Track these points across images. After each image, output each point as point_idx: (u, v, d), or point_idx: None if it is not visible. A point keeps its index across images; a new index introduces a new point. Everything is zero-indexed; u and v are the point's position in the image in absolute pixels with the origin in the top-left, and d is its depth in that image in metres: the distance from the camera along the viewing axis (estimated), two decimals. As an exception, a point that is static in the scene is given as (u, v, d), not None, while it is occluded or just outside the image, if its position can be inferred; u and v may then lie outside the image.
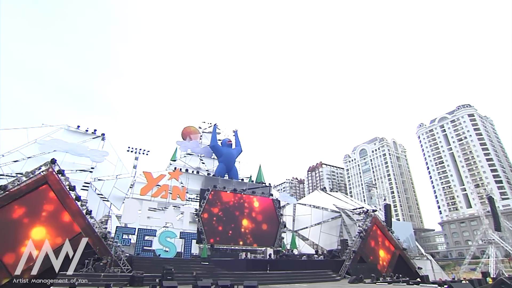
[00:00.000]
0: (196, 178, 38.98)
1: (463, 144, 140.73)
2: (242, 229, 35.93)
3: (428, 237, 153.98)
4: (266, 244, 36.22)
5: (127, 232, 30.93)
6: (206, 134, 44.64)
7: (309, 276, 26.23)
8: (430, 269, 44.83)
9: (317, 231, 40.32)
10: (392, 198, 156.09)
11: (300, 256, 33.58)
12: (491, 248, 49.29)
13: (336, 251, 34.86)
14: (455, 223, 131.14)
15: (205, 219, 34.91)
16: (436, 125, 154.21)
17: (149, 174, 35.84)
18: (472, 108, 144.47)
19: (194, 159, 42.39)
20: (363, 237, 33.42)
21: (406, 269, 36.54)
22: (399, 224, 51.33)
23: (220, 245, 34.54)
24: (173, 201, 35.80)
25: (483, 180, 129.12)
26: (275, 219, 38.13)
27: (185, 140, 42.85)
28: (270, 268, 27.92)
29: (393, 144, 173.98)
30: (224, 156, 41.05)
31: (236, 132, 44.60)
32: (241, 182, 39.96)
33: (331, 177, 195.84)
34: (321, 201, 43.22)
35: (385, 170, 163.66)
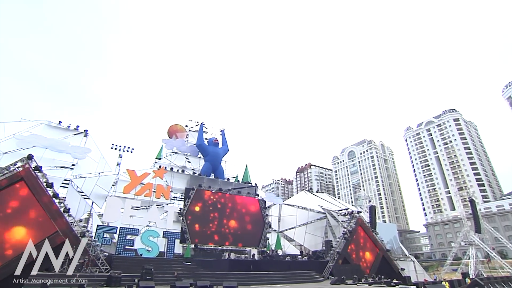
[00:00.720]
0: (181, 177, 38.44)
1: (448, 148, 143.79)
2: (226, 229, 35.61)
3: (413, 238, 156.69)
4: (251, 244, 36.01)
5: (108, 231, 30.22)
6: (192, 132, 44.14)
7: (291, 277, 26.13)
8: (413, 270, 45.47)
9: (302, 231, 40.33)
10: (379, 200, 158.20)
11: (284, 257, 33.48)
12: (472, 249, 50.39)
13: (320, 252, 34.91)
14: (439, 225, 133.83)
15: (190, 218, 34.48)
16: (423, 128, 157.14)
17: (132, 172, 35.12)
18: (458, 113, 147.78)
19: (180, 157, 41.83)
20: (347, 238, 33.56)
21: (389, 270, 36.91)
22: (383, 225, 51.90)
23: (204, 245, 34.14)
24: (157, 200, 35.18)
25: (466, 183, 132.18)
26: (260, 219, 37.96)
27: (171, 139, 42.27)
28: (253, 269, 27.73)
29: (381, 147, 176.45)
30: (210, 155, 40.64)
31: (223, 131, 44.25)
32: (227, 182, 39.62)
33: (320, 178, 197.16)
34: (307, 202, 43.26)
35: (372, 172, 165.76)
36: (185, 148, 42.20)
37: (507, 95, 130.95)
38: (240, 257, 31.23)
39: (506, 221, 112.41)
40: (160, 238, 31.95)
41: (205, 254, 32.82)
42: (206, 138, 43.64)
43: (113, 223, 31.28)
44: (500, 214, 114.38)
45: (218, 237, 34.88)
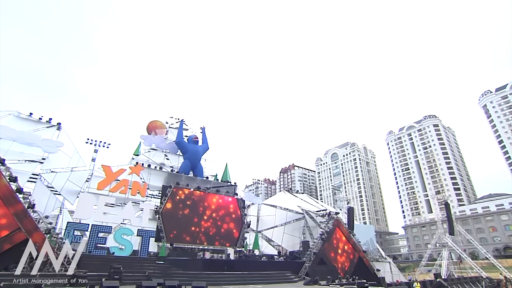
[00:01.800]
0: (159, 174, 37.56)
1: (427, 152, 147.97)
2: (204, 228, 35.03)
3: (392, 240, 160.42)
4: (228, 243, 35.56)
5: (79, 228, 29.05)
6: (172, 129, 43.26)
7: (266, 277, 25.91)
8: (389, 271, 46.30)
9: (280, 232, 40.23)
10: (360, 202, 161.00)
11: (260, 257, 33.24)
12: (445, 251, 51.80)
13: (297, 252, 34.90)
14: (417, 227, 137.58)
15: (166, 216, 33.69)
16: (404, 133, 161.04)
17: (108, 168, 34.00)
18: (437, 119, 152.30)
19: (159, 154, 40.91)
20: (324, 239, 33.68)
21: (365, 271, 37.35)
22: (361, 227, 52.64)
23: (180, 243, 33.45)
24: (133, 197, 34.20)
25: (443, 187, 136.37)
26: (238, 218, 37.57)
27: (150, 135, 41.26)
28: (228, 269, 27.35)
29: (363, 150, 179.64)
30: (190, 153, 39.92)
31: (204, 129, 43.60)
32: (205, 180, 39.03)
33: (303, 179, 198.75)
34: (286, 202, 43.22)
35: (354, 174, 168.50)
36: (164, 145, 41.29)
37: (482, 103, 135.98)
38: (213, 257, 30.74)
39: (479, 224, 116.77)
40: (134, 236, 31.04)
41: (180, 253, 32.15)
42: (186, 135, 42.87)
43: (85, 220, 30.11)
44: (473, 217, 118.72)
45: (194, 236, 34.26)
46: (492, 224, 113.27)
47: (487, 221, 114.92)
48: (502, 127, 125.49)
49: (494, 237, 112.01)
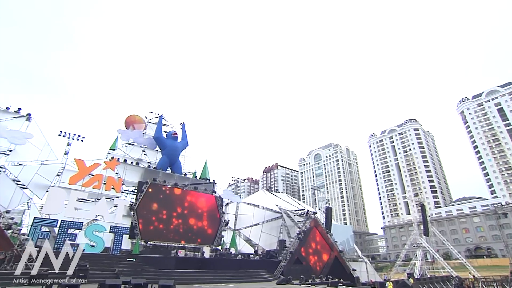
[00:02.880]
0: (135, 169, 36.54)
1: (407, 155, 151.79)
2: (180, 225, 34.34)
3: (371, 240, 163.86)
4: (205, 242, 35.03)
5: (46, 224, 27.77)
6: (151, 125, 42.22)
7: (240, 276, 25.62)
8: (365, 270, 46.99)
9: (258, 231, 40.03)
10: (341, 202, 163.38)
11: (235, 256, 32.91)
12: (419, 251, 53.21)
13: (273, 251, 34.79)
14: (395, 228, 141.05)
15: (141, 213, 32.80)
16: (386, 136, 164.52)
17: (81, 162, 32.70)
18: (418, 123, 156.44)
19: (136, 149, 39.83)
20: (301, 238, 33.72)
21: (341, 270, 37.73)
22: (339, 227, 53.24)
23: (155, 241, 32.62)
24: (107, 193, 33.02)
25: (422, 189, 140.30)
26: (216, 216, 37.08)
27: (127, 129, 40.09)
28: (203, 267, 26.90)
29: (346, 151, 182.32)
30: (168, 149, 39.07)
31: (184, 125, 42.80)
32: (183, 177, 38.32)
33: (286, 179, 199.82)
34: (265, 201, 43.05)
35: (337, 175, 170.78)
36: (142, 140, 40.23)
37: (460, 109, 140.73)
38: (187, 255, 30.18)
39: (453, 226, 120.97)
40: (106, 233, 29.98)
41: (154, 251, 31.38)
42: (165, 131, 41.94)
43: (54, 215, 28.84)
44: (448, 219, 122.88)
45: (170, 234, 33.53)
46: (465, 225, 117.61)
47: (460, 222, 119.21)
48: (477, 133, 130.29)
49: (466, 238, 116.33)
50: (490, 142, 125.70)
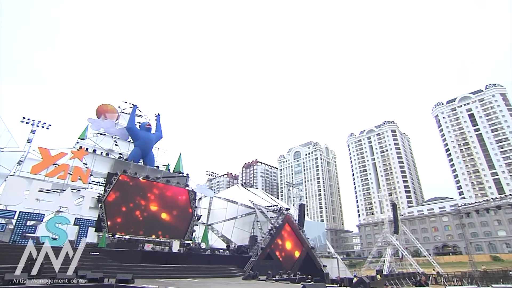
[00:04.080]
0: (105, 160, 35.19)
1: (384, 156, 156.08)
2: (150, 219, 33.43)
3: (347, 237, 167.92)
4: (175, 236, 34.34)
5: (3, 215, 26.26)
6: (125, 115, 40.83)
7: (207, 271, 25.28)
8: (336, 267, 47.85)
9: (230, 226, 39.74)
10: (318, 200, 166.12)
11: (204, 251, 32.51)
12: (389, 248, 54.88)
13: (245, 247, 34.64)
14: (370, 226, 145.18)
15: (109, 205, 31.65)
16: (364, 136, 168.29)
17: (45, 151, 31.03)
18: (395, 125, 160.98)
19: (107, 140, 38.38)
20: (273, 234, 33.76)
21: (312, 267, 38.19)
22: (312, 223, 53.89)
23: (122, 234, 31.65)
24: (73, 184, 31.56)
25: (396, 189, 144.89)
26: (188, 211, 36.44)
27: (99, 119, 38.53)
28: (170, 262, 26.34)
29: (325, 150, 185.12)
30: (141, 140, 37.91)
31: (159, 116, 41.68)
32: (156, 170, 37.35)
33: (265, 176, 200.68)
34: (239, 196, 42.77)
35: (315, 173, 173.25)
36: (114, 130, 38.77)
37: (435, 113, 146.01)
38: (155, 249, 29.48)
39: (424, 224, 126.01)
40: (70, 226, 28.71)
41: (121, 245, 30.39)
42: (139, 122, 40.73)
43: (12, 206, 27.26)
44: (420, 218, 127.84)
45: (139, 227, 32.63)
46: (435, 224, 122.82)
47: (431, 221, 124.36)
48: (450, 137, 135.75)
49: (435, 236, 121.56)
50: (460, 145, 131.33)
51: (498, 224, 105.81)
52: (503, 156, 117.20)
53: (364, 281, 14.02)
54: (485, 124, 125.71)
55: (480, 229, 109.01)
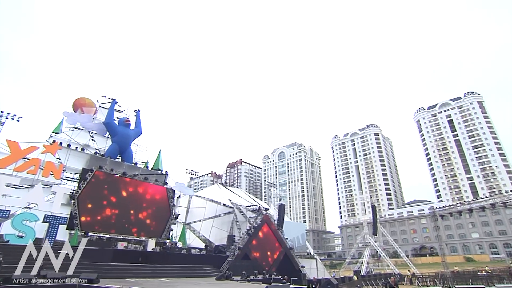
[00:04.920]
0: (80, 155, 33.99)
1: (367, 158, 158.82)
2: (126, 216, 32.47)
3: (328, 238, 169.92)
4: (152, 235, 33.57)
5: (-39, 212, 24.84)
6: (103, 109, 39.58)
7: (181, 270, 24.77)
8: (315, 267, 48.11)
9: (209, 225, 39.23)
10: (302, 201, 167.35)
11: (180, 250, 31.90)
12: (367, 249, 55.76)
13: (222, 246, 34.24)
14: (351, 227, 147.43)
15: (83, 202, 30.52)
16: (348, 139, 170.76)
17: (14, 144, 29.64)
18: (378, 129, 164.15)
19: (84, 134, 37.11)
20: (251, 234, 33.49)
21: (290, 267, 38.13)
22: (292, 224, 54.06)
23: (96, 232, 30.63)
24: (44, 179, 30.28)
25: (377, 191, 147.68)
26: (166, 209, 35.68)
27: (75, 112, 37.21)
28: (143, 261, 25.62)
29: (309, 151, 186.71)
30: (119, 136, 36.88)
31: (139, 112, 40.72)
32: (133, 166, 36.43)
33: (249, 176, 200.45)
34: (219, 195, 42.30)
35: (299, 174, 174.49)
36: (91, 124, 37.55)
37: (416, 118, 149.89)
38: (128, 247, 28.68)
39: (403, 226, 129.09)
40: (39, 223, 27.53)
41: (94, 243, 29.38)
42: (118, 117, 39.64)
43: (-26, 202, 25.84)
44: (399, 220, 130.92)
45: (114, 225, 31.62)
46: (414, 226, 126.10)
47: (410, 224, 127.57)
48: (430, 142, 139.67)
49: (413, 238, 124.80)
50: (440, 150, 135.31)
51: (472, 227, 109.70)
52: (479, 161, 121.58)
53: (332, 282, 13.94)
54: (463, 130, 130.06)
55: (456, 231, 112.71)
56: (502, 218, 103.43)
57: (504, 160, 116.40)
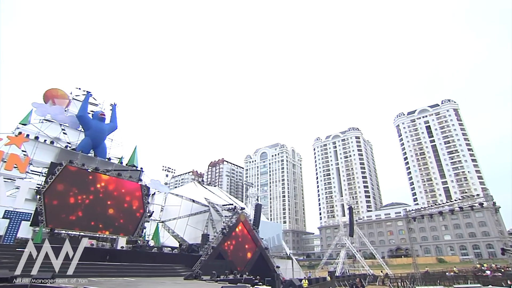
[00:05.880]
0: (49, 149, 32.44)
1: (347, 161, 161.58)
2: (96, 213, 31.24)
3: (308, 239, 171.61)
4: (124, 232, 32.44)
5: None
6: (77, 102, 38.08)
7: (149, 269, 24.05)
8: (290, 268, 48.22)
9: (184, 223, 38.46)
10: (282, 201, 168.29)
11: (151, 248, 31.07)
12: (343, 250, 56.55)
13: (195, 245, 33.67)
14: (330, 229, 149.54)
15: (50, 198, 29.11)
16: (330, 141, 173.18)
17: (-26, 135, 27.98)
18: (359, 132, 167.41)
19: (54, 127, 35.50)
20: (225, 233, 33.10)
21: (265, 267, 38.00)
22: (269, 224, 54.06)
23: (63, 229, 29.29)
24: (7, 172, 28.60)
25: (357, 194, 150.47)
26: (140, 206, 34.66)
27: (46, 104, 35.55)
28: (111, 259, 24.75)
29: (292, 152, 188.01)
30: (93, 130, 35.52)
31: (115, 106, 39.41)
32: (107, 162, 35.18)
33: (231, 175, 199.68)
34: (195, 193, 41.62)
35: (280, 174, 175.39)
36: (62, 117, 35.94)
37: (396, 123, 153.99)
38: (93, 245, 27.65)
39: (380, 228, 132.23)
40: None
41: (60, 240, 28.09)
42: (92, 111, 38.23)
43: None
44: (377, 222, 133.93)
45: (83, 222, 30.28)
46: (391, 228, 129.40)
47: (387, 225, 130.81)
48: (408, 146, 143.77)
49: (390, 240, 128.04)
50: (417, 155, 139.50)
51: (445, 229, 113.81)
52: (453, 166, 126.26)
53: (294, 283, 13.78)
54: (439, 136, 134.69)
55: (430, 234, 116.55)
56: (472, 221, 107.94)
57: (476, 166, 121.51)
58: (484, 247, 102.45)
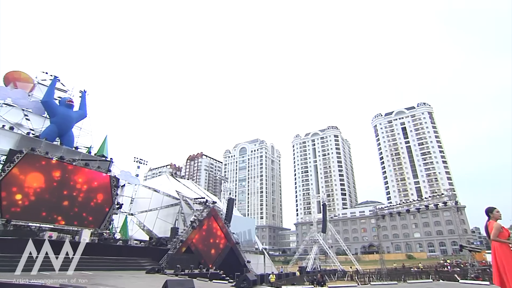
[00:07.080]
0: (8, 135, 30.52)
1: (325, 159, 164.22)
2: (59, 204, 29.77)
3: (284, 235, 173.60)
4: (89, 225, 31.19)
5: None
6: (42, 87, 36.06)
7: (112, 263, 23.26)
8: (262, 263, 48.40)
9: (153, 216, 37.54)
10: (260, 197, 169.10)
11: (116, 241, 30.11)
12: (315, 246, 57.48)
13: (164, 239, 32.97)
14: (306, 225, 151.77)
15: (7, 187, 27.40)
16: (309, 138, 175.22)
17: None
18: (338, 131, 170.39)
19: (16, 112, 33.44)
20: (195, 227, 32.60)
21: (236, 262, 37.86)
22: (242, 218, 53.98)
23: (22, 221, 27.72)
24: (-42, 159, 26.85)
25: (333, 191, 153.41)
26: (108, 198, 33.41)
27: (6, 87, 33.39)
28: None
29: (271, 148, 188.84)
30: (59, 117, 33.73)
31: (85, 93, 37.65)
32: (74, 151, 33.61)
33: (209, 169, 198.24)
34: (166, 186, 40.74)
35: (259, 170, 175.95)
36: (25, 102, 33.89)
37: (374, 123, 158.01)
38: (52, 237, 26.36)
39: (355, 225, 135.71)
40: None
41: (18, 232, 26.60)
42: (60, 97, 36.39)
43: None
44: (351, 219, 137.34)
45: (43, 213, 28.77)
46: (364, 225, 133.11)
47: (361, 223, 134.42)
48: (384, 146, 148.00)
49: (364, 237, 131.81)
50: (393, 155, 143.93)
51: (415, 227, 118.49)
52: (425, 167, 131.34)
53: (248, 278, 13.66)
54: (414, 137, 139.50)
55: (401, 231, 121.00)
56: (440, 220, 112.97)
57: (446, 168, 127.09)
58: (449, 244, 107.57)
